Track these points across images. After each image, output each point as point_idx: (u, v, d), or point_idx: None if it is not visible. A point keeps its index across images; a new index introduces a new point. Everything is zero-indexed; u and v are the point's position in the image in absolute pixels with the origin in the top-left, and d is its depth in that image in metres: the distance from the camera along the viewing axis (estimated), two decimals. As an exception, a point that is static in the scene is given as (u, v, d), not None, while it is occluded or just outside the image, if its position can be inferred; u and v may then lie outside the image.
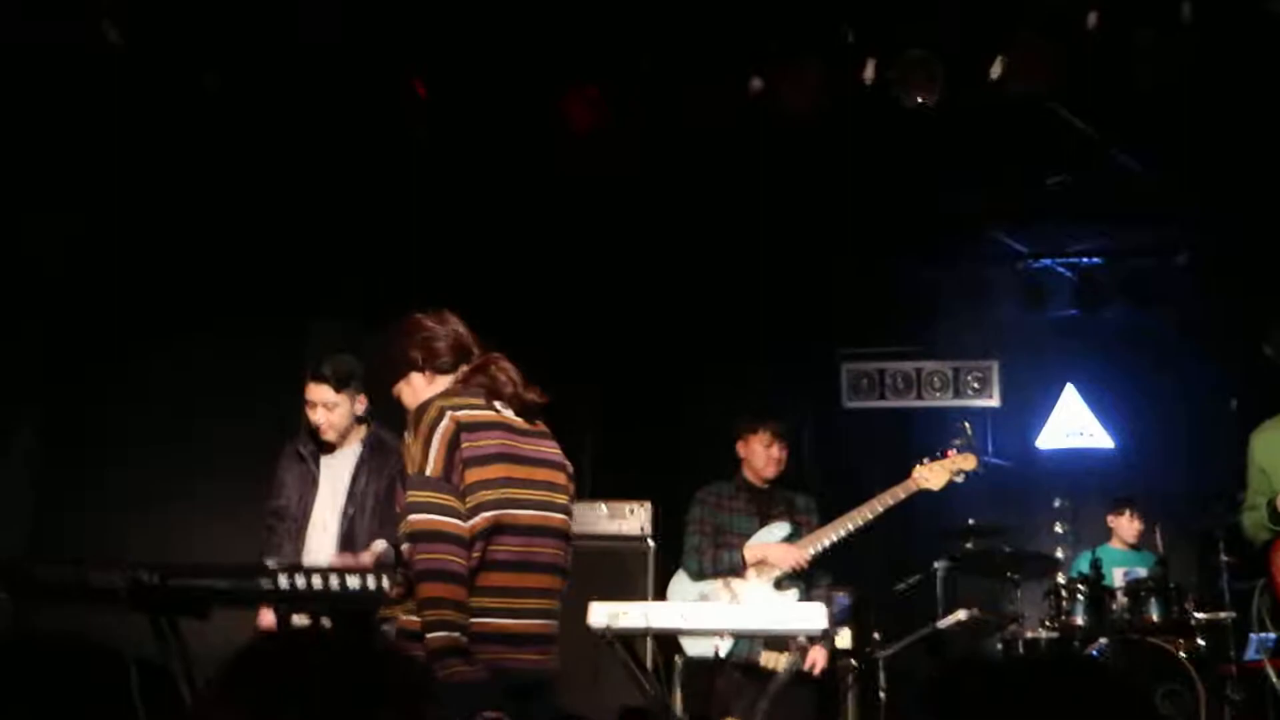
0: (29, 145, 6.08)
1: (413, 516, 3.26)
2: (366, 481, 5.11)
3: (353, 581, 4.31)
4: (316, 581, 4.28)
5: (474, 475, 3.32)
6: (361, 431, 5.20)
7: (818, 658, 5.70)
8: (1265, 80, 6.14)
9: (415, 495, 3.27)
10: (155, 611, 4.24)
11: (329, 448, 5.19)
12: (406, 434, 3.39)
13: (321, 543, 5.09)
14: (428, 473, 3.28)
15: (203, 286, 6.85)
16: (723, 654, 5.50)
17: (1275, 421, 4.60)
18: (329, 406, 5.05)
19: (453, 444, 3.32)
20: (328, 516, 5.13)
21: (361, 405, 5.12)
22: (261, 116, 6.46)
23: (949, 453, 5.79)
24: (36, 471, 6.34)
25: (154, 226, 6.74)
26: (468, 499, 3.29)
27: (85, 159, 6.32)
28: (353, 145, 6.74)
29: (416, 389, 3.58)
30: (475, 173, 7.03)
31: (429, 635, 3.19)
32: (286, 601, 4.36)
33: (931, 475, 5.72)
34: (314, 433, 5.15)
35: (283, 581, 4.30)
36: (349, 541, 5.05)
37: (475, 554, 3.28)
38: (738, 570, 5.75)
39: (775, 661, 5.48)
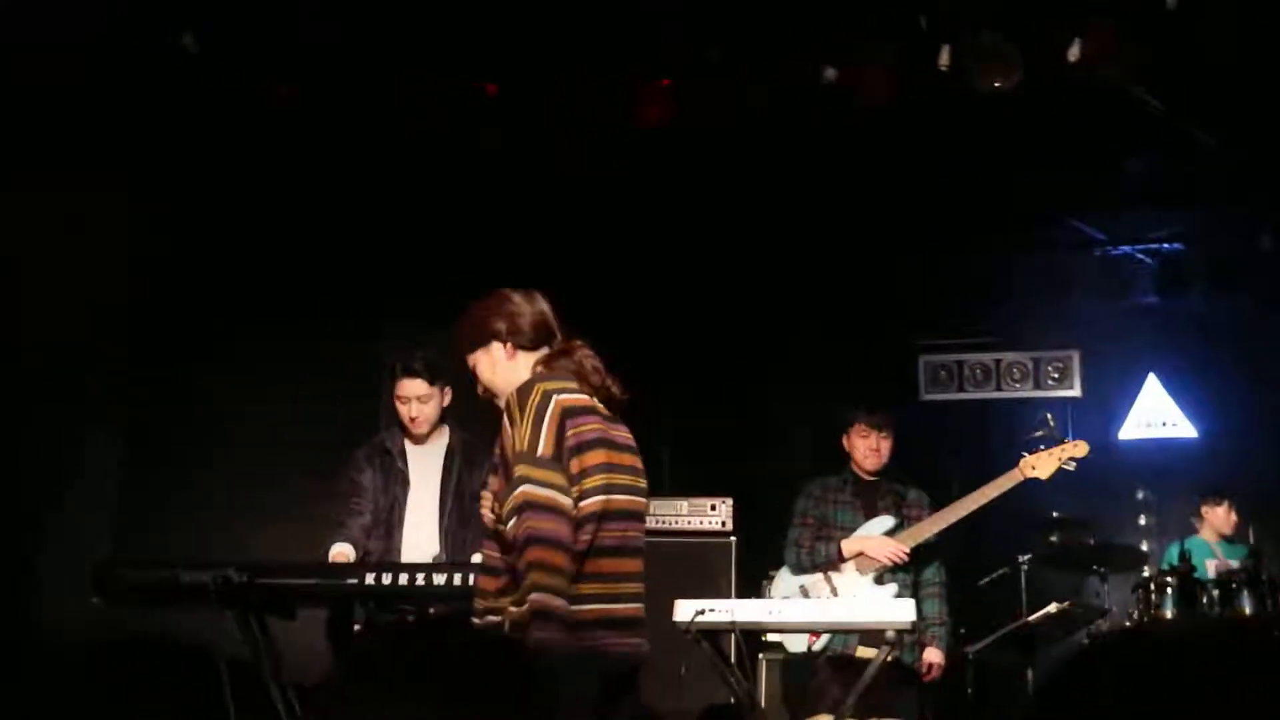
0: (105, 154, 6.14)
1: (525, 488, 3.25)
2: (460, 477, 5.16)
3: (439, 578, 4.33)
4: (403, 579, 4.30)
5: (581, 461, 3.34)
6: (445, 429, 5.26)
7: (933, 659, 5.62)
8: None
9: (528, 471, 3.27)
10: (244, 610, 4.28)
11: (417, 442, 5.23)
12: (507, 414, 3.39)
13: (419, 539, 5.12)
14: (541, 453, 3.28)
15: (278, 289, 6.90)
16: (817, 648, 5.46)
17: None
18: (423, 399, 5.14)
19: (560, 428, 3.33)
20: (424, 514, 5.16)
21: (448, 398, 5.20)
22: (332, 120, 6.49)
23: (1065, 441, 5.71)
24: (120, 476, 6.41)
25: (230, 232, 6.80)
26: (575, 485, 3.30)
27: (161, 166, 6.39)
28: (423, 145, 6.77)
29: (495, 360, 3.58)
30: (546, 170, 7.02)
31: (531, 596, 3.17)
32: (374, 599, 4.38)
33: (1039, 464, 5.63)
34: (402, 429, 5.21)
35: (369, 579, 4.32)
36: (450, 537, 5.08)
37: (585, 537, 3.29)
38: (833, 563, 5.69)
39: (872, 655, 5.41)
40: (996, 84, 6.06)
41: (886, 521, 5.76)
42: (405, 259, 7.29)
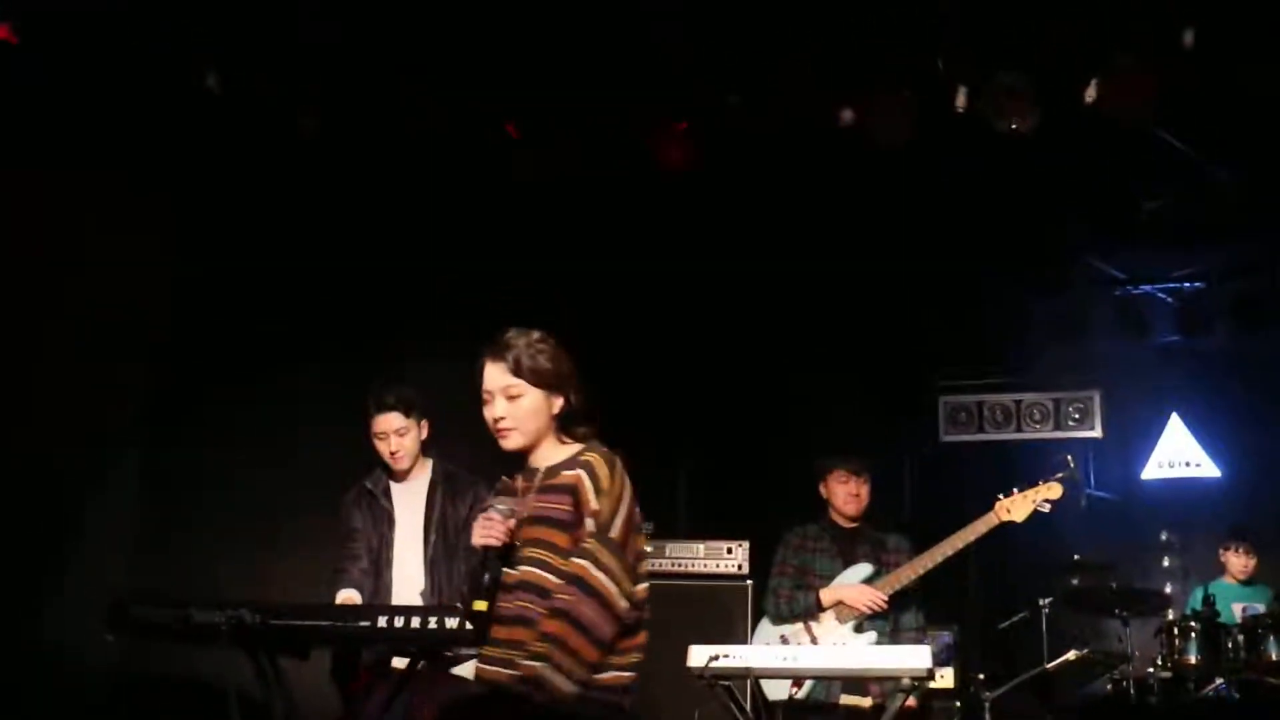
0: (127, 183, 6.17)
1: (586, 564, 3.30)
2: (444, 509, 5.15)
3: (451, 622, 4.31)
4: (415, 622, 4.27)
5: (638, 544, 3.45)
6: (427, 463, 5.25)
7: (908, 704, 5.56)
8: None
9: (597, 551, 3.32)
10: (257, 651, 4.26)
11: (398, 479, 5.22)
12: (590, 477, 3.39)
13: (405, 577, 5.10)
14: (613, 535, 3.35)
15: (297, 329, 6.91)
16: (799, 696, 5.39)
17: None
18: (400, 433, 5.13)
19: (631, 513, 3.42)
20: (409, 549, 5.15)
21: (425, 431, 5.19)
22: (356, 158, 6.52)
23: (1038, 483, 5.63)
24: (136, 510, 6.41)
25: (252, 268, 6.81)
26: (636, 567, 3.41)
27: (183, 199, 6.42)
28: (450, 187, 6.78)
29: (545, 410, 3.51)
30: (568, 214, 7.04)
31: (537, 665, 3.25)
32: (386, 642, 4.35)
33: (1014, 507, 5.56)
34: (384, 468, 5.20)
35: (382, 622, 4.30)
36: (434, 569, 5.06)
37: (639, 614, 3.40)
38: (812, 612, 5.65)
39: (855, 702, 5.36)
40: (1014, 124, 6.05)
41: (864, 569, 5.72)
42: (425, 300, 7.29)
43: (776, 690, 5.45)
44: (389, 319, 7.09)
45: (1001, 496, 5.61)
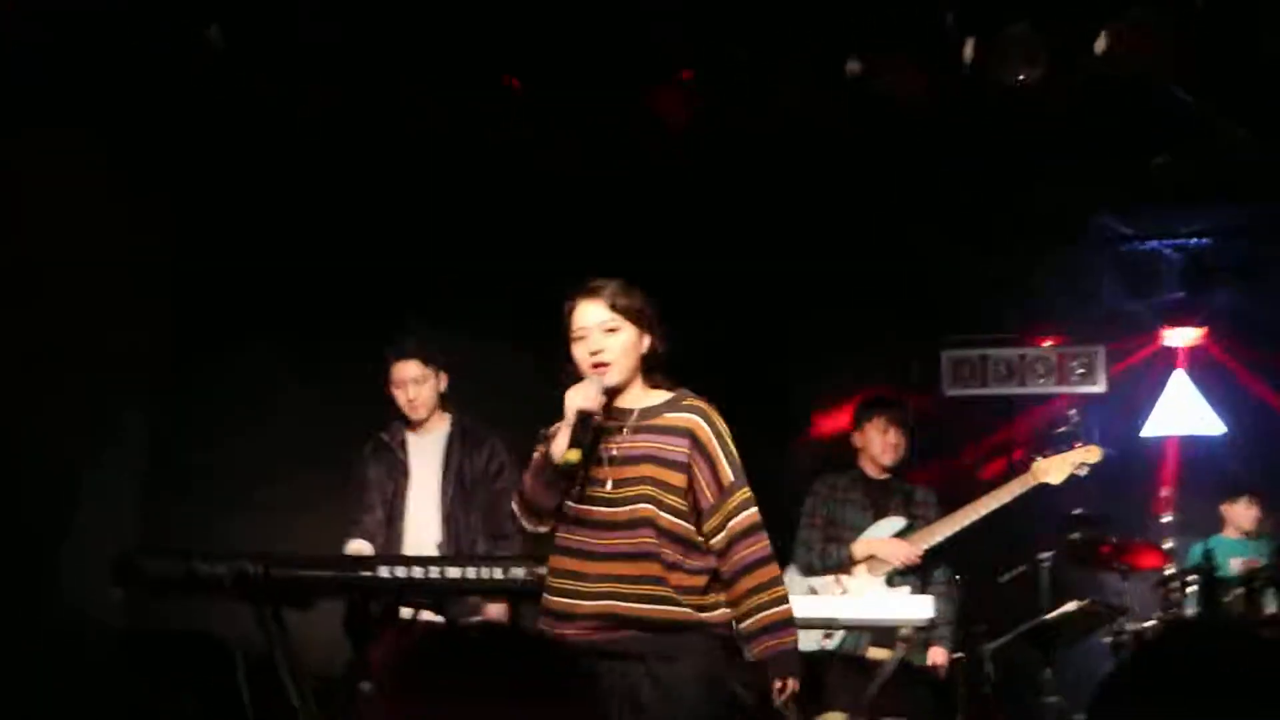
0: (127, 145, 6.15)
1: (755, 510, 3.63)
2: (461, 461, 5.17)
3: (454, 571, 4.34)
4: (418, 572, 4.31)
5: None
6: (445, 416, 5.27)
7: (938, 659, 5.59)
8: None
9: (749, 494, 3.64)
10: (259, 602, 4.30)
11: (415, 431, 5.23)
12: (710, 425, 3.64)
13: (419, 528, 5.13)
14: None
15: (301, 281, 6.91)
16: (830, 648, 5.43)
17: None
18: (418, 381, 5.16)
19: None
20: (425, 501, 5.17)
21: (444, 383, 5.20)
22: (347, 121, 6.48)
23: (1074, 446, 5.64)
24: (143, 465, 6.44)
25: (254, 225, 6.80)
26: None
27: (177, 156, 6.39)
28: (438, 145, 6.74)
29: (637, 348, 3.68)
30: (565, 172, 6.99)
31: (781, 607, 3.61)
32: (390, 592, 4.39)
33: (1052, 468, 5.57)
34: (401, 418, 5.21)
35: (384, 572, 4.33)
36: (451, 522, 5.09)
37: None
38: (845, 566, 5.64)
39: (883, 656, 5.39)
40: (1021, 77, 6.01)
41: (897, 523, 5.71)
42: (426, 260, 7.28)
43: (806, 641, 5.50)
44: (396, 283, 7.09)
45: (1039, 458, 5.63)
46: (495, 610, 4.91)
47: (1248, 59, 6.03)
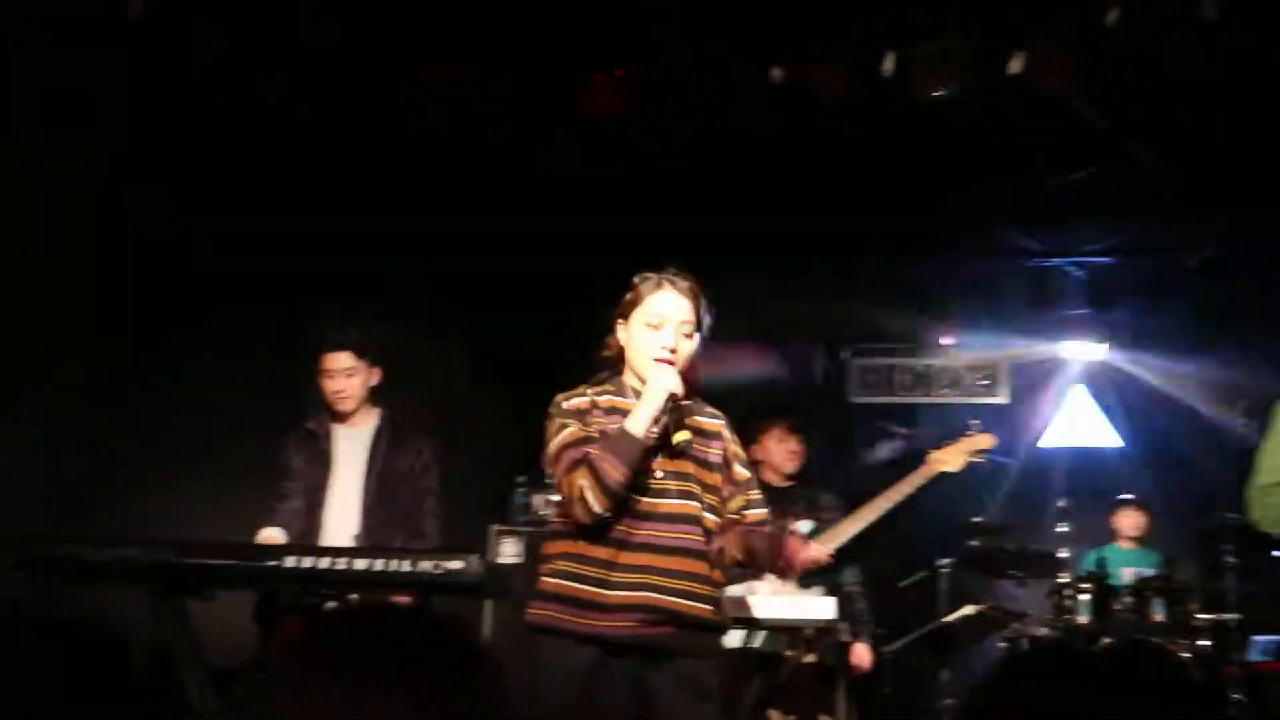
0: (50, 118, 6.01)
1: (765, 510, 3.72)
2: (386, 457, 5.11)
3: (361, 563, 4.29)
4: (325, 562, 4.25)
5: None
6: (375, 411, 5.21)
7: (862, 656, 5.66)
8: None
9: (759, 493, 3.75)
10: (162, 590, 4.21)
11: (343, 423, 5.18)
12: (730, 430, 3.68)
13: (339, 520, 5.08)
14: None
15: (212, 270, 6.79)
16: (755, 646, 5.47)
17: None
18: (349, 373, 5.10)
19: None
20: (348, 492, 5.12)
21: (376, 378, 5.15)
22: (254, 100, 6.39)
23: (965, 434, 5.71)
24: (49, 451, 6.28)
25: (180, 204, 6.66)
26: None
27: (102, 133, 6.26)
28: (347, 127, 6.67)
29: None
30: (462, 156, 6.95)
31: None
32: (298, 583, 4.33)
33: (948, 457, 5.64)
34: (329, 409, 5.15)
35: (290, 562, 4.27)
36: (370, 515, 5.04)
37: None
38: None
39: (795, 655, 5.45)
40: (938, 92, 6.11)
41: (804, 526, 5.77)
42: (331, 248, 7.20)
43: (731, 640, 5.53)
44: (301, 272, 7.00)
45: (934, 450, 5.69)
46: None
47: (1155, 81, 6.19)
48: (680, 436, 3.38)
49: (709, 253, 7.96)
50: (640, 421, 3.37)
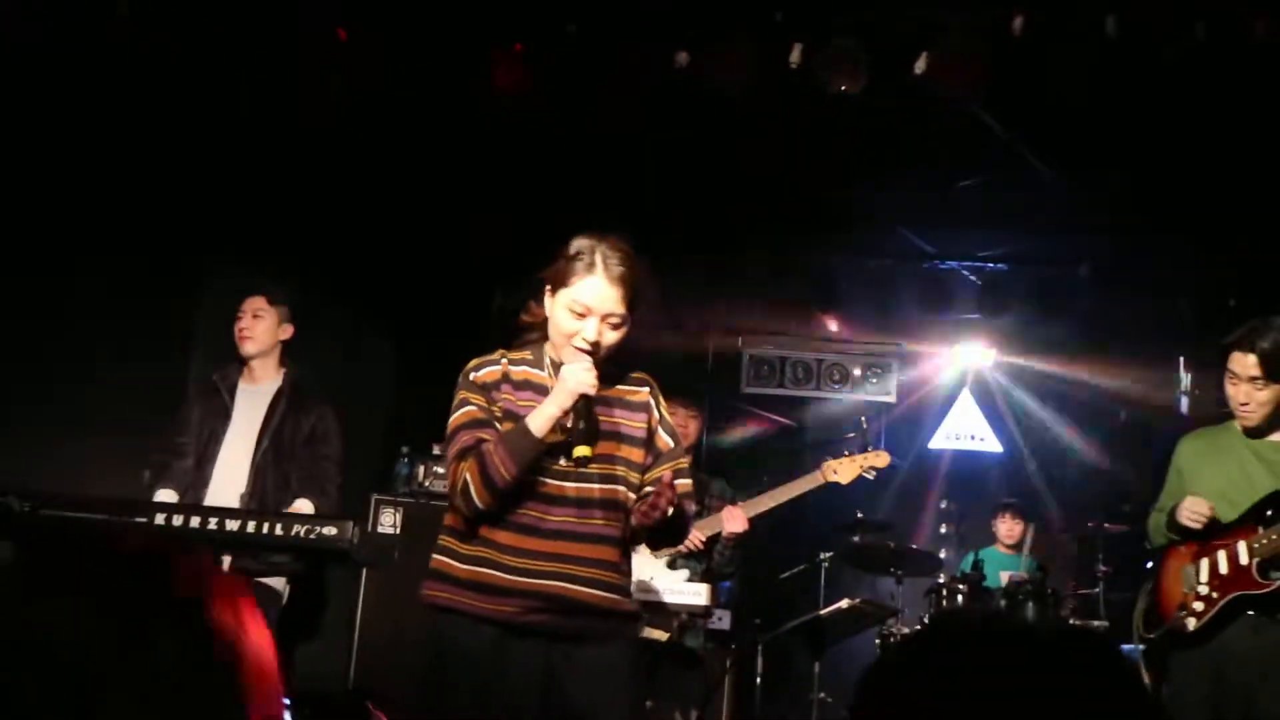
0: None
1: (689, 480, 3.45)
2: (283, 418, 5.09)
3: (233, 524, 4.21)
4: (195, 521, 4.16)
5: None
6: (280, 372, 5.19)
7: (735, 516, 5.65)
8: (1183, 97, 6.22)
9: (686, 461, 3.47)
10: (21, 541, 4.09)
11: (247, 379, 5.14)
12: (653, 396, 3.42)
13: (227, 476, 5.02)
14: None
15: (103, 222, 6.62)
16: None
17: (1208, 432, 4.65)
18: (256, 315, 5.12)
19: None
20: (238, 449, 5.07)
21: (286, 333, 5.14)
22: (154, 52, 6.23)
23: (866, 450, 5.79)
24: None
25: (50, 165, 6.48)
26: None
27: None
28: (255, 88, 6.54)
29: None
30: (382, 122, 6.86)
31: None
32: (169, 542, 4.23)
33: (841, 469, 5.71)
34: (237, 359, 5.13)
35: (160, 519, 4.17)
36: (260, 474, 4.99)
37: None
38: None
39: (658, 636, 5.45)
40: (843, 87, 6.14)
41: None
42: (231, 206, 7.07)
43: None
44: (191, 222, 6.86)
45: (829, 458, 5.76)
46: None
47: (1053, 94, 6.29)
48: (580, 452, 3.14)
49: (606, 233, 8.02)
50: (542, 420, 3.17)
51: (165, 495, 4.92)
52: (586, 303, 3.20)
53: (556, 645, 3.20)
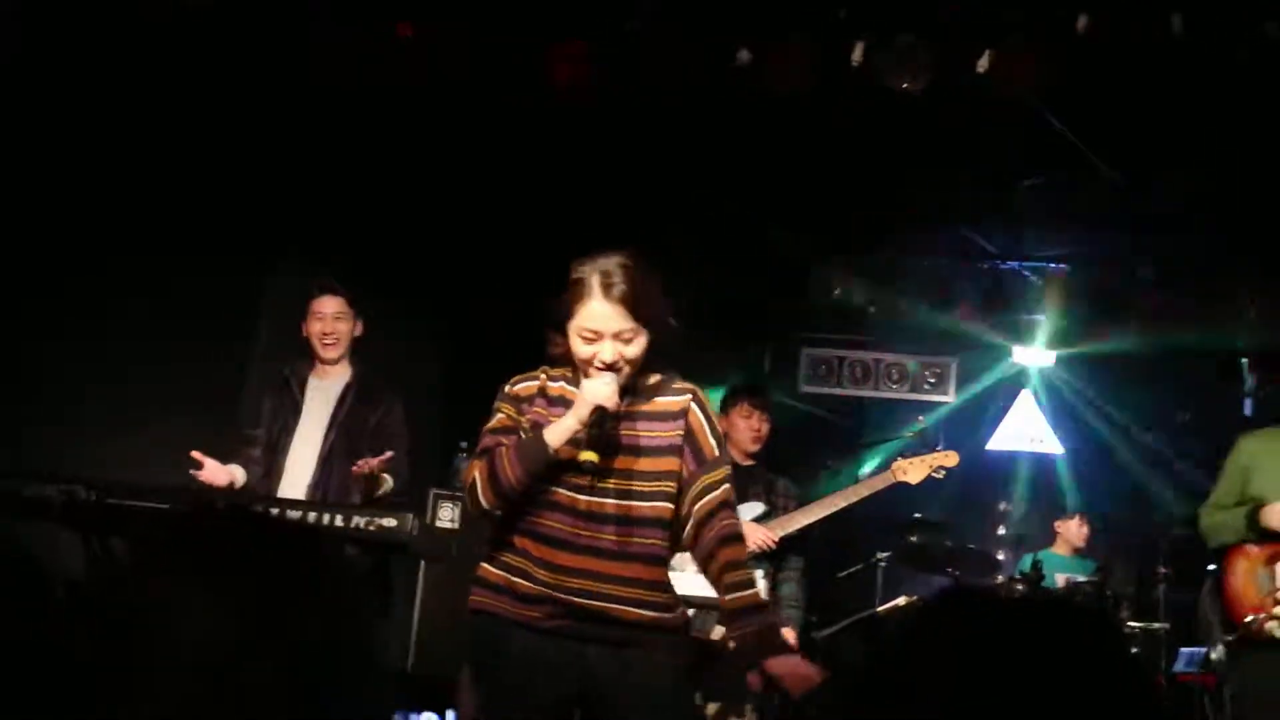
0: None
1: (730, 487, 3.42)
2: (351, 410, 5.16)
3: (294, 514, 4.27)
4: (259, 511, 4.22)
5: None
6: (349, 366, 5.27)
7: (787, 636, 5.66)
8: (1248, 96, 6.14)
9: (729, 470, 3.44)
10: (88, 530, 4.16)
11: (317, 374, 5.22)
12: (700, 407, 3.41)
13: (297, 468, 5.11)
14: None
15: (162, 221, 6.71)
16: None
17: (1270, 432, 4.60)
18: (339, 317, 5.19)
19: None
20: (307, 442, 5.16)
21: (359, 331, 5.25)
22: (205, 42, 6.30)
23: (935, 450, 5.80)
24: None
25: (111, 161, 6.57)
26: None
27: (43, 86, 6.15)
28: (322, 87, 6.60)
29: (645, 349, 3.35)
30: (455, 120, 6.91)
31: (756, 588, 3.38)
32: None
33: (910, 469, 5.70)
34: (309, 355, 5.19)
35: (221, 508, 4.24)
36: (326, 466, 5.07)
37: None
38: None
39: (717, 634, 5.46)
40: (905, 85, 6.10)
41: (756, 507, 5.78)
42: (301, 197, 7.15)
43: None
44: (255, 220, 6.95)
45: (900, 458, 5.76)
46: None
47: (1117, 93, 6.23)
48: (586, 457, 3.16)
49: (664, 234, 8.03)
50: (559, 432, 3.22)
51: (232, 470, 4.98)
52: (593, 328, 3.25)
53: (592, 648, 3.21)
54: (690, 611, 5.34)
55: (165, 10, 6.01)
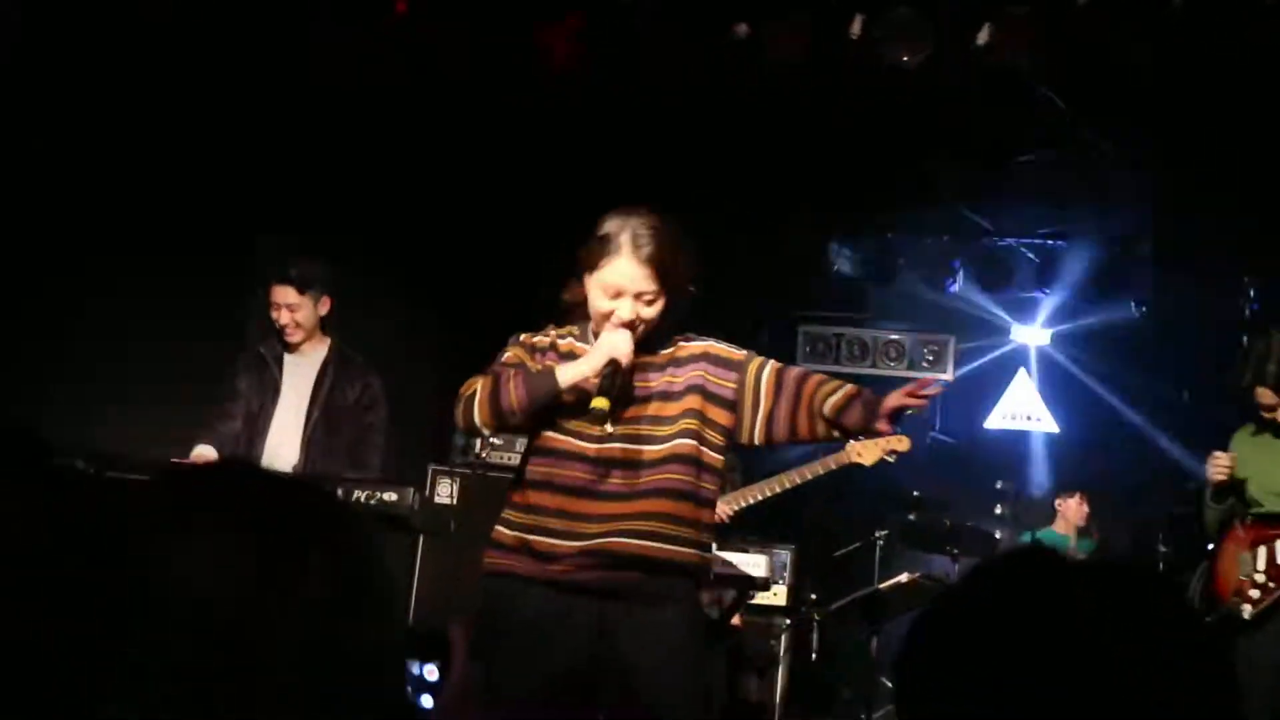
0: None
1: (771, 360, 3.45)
2: (332, 387, 5.14)
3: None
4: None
5: None
6: (325, 341, 5.23)
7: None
8: (1250, 72, 6.11)
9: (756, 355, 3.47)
10: (156, 477, 4.14)
11: (293, 351, 5.19)
12: (720, 343, 3.41)
13: (280, 448, 5.08)
14: None
15: (153, 198, 6.68)
16: None
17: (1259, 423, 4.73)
18: (292, 308, 5.13)
19: None
20: (288, 422, 5.13)
21: (325, 308, 5.16)
22: (204, 30, 6.27)
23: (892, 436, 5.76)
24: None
25: (102, 143, 6.54)
26: None
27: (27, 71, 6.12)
28: (303, 59, 6.56)
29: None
30: (427, 92, 6.87)
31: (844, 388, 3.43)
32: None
33: (864, 451, 5.67)
34: (280, 337, 5.16)
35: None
36: (311, 445, 5.05)
37: None
38: None
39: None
40: (904, 59, 6.08)
41: None
42: (283, 172, 7.11)
43: None
44: (242, 195, 6.92)
45: (854, 440, 5.72)
46: None
47: (1116, 67, 6.20)
48: (597, 404, 3.12)
49: (665, 209, 7.99)
50: (571, 373, 3.20)
51: (201, 452, 4.97)
52: (617, 285, 3.22)
53: (609, 604, 3.18)
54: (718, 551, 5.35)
55: (165, 10, 5.99)
